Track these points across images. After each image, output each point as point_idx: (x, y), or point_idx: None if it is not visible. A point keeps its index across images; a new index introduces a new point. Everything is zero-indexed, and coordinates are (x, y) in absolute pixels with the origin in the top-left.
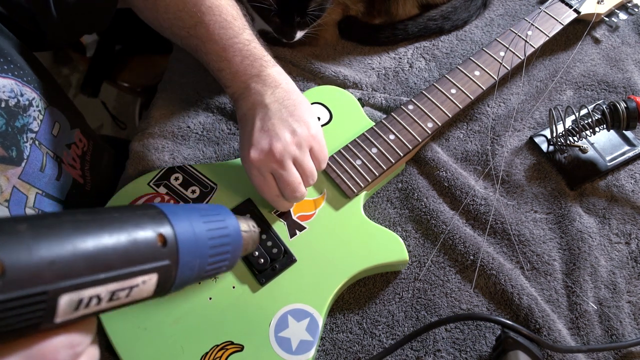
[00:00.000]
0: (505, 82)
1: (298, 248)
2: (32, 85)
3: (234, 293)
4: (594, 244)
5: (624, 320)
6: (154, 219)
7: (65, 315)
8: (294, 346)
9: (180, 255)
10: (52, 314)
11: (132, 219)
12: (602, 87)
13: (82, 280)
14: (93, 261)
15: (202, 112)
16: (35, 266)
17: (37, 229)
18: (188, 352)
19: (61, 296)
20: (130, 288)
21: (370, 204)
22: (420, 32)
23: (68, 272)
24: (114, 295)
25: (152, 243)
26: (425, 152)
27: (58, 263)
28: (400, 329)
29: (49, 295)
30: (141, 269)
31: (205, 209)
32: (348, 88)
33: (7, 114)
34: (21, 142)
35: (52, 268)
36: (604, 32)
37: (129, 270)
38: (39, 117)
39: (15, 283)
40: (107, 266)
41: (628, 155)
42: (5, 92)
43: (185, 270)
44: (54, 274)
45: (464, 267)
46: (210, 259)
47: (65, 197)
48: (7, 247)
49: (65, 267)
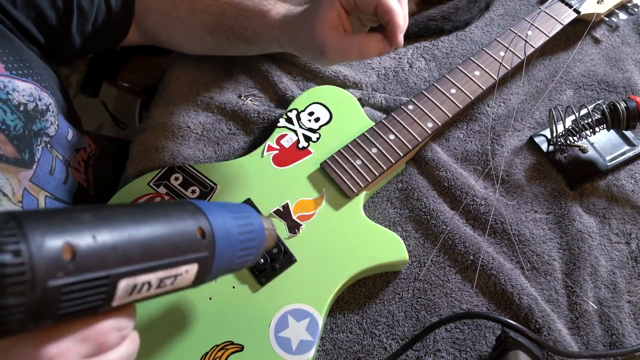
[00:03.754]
0: (505, 82)
1: (298, 248)
2: (50, 91)
3: (234, 293)
4: (594, 244)
5: (624, 320)
6: (194, 213)
7: (121, 300)
8: (294, 346)
9: (217, 247)
10: (111, 298)
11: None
12: (602, 87)
13: (138, 266)
14: (147, 249)
15: (202, 112)
16: (100, 252)
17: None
18: (188, 352)
19: (120, 281)
20: (175, 276)
21: (370, 204)
22: (420, 32)
23: (127, 258)
24: (161, 283)
25: (194, 235)
26: (425, 152)
27: (119, 250)
28: (400, 329)
29: (111, 279)
30: (185, 259)
31: (234, 206)
32: (348, 88)
33: (26, 117)
34: (34, 146)
35: (114, 254)
36: (604, 32)
37: (176, 260)
38: (55, 122)
39: (85, 267)
40: (158, 254)
41: (628, 155)
42: (25, 95)
43: (220, 262)
44: (116, 260)
45: (464, 267)
46: (240, 252)
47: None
48: (77, 234)
49: (125, 254)
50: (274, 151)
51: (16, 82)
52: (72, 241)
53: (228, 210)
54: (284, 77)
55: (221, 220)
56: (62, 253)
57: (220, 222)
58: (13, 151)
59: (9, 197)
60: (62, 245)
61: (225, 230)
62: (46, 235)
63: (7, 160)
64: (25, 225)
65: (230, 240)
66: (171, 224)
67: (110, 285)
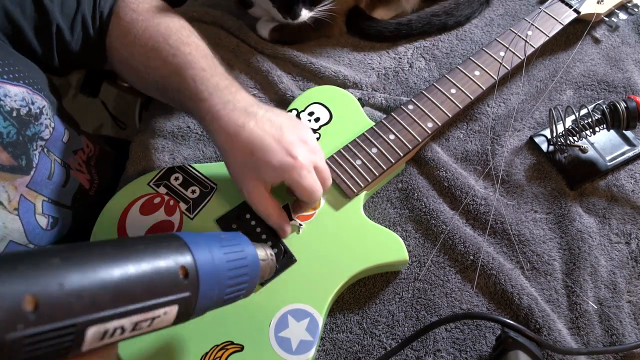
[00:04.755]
0: (505, 82)
1: (298, 248)
2: (43, 94)
3: None
4: (594, 244)
5: (624, 320)
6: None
7: (91, 345)
8: (294, 346)
9: (201, 286)
10: (80, 344)
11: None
12: (602, 87)
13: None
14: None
15: None
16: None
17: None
18: (188, 352)
19: (89, 328)
20: (152, 319)
21: (370, 204)
22: (424, 28)
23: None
24: (137, 326)
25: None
26: (425, 152)
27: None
28: (400, 329)
29: (78, 327)
30: (163, 301)
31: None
32: (348, 88)
33: (19, 123)
34: (31, 151)
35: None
36: (604, 32)
37: (152, 303)
38: (50, 124)
39: (48, 316)
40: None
41: (628, 155)
42: (17, 100)
43: (204, 300)
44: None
45: (464, 267)
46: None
47: (71, 203)
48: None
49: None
50: None
51: (7, 87)
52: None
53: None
54: (284, 77)
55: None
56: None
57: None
58: (8, 158)
59: (4, 205)
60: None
61: (212, 266)
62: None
63: (3, 168)
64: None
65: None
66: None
67: (77, 334)
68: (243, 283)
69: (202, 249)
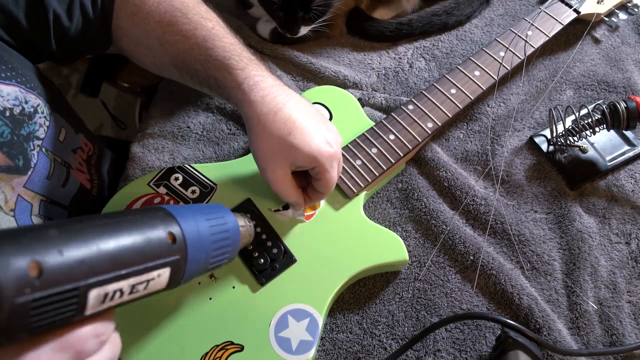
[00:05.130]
0: (505, 82)
1: (298, 248)
2: (36, 92)
3: (234, 293)
4: (594, 244)
5: (624, 320)
6: (164, 220)
7: (94, 308)
8: (294, 346)
9: (189, 250)
10: (83, 308)
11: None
12: (602, 87)
13: (107, 276)
14: (115, 259)
15: (202, 112)
16: (67, 266)
17: (65, 234)
18: (188, 352)
19: (90, 291)
20: (147, 281)
21: (370, 204)
22: (425, 28)
23: (95, 269)
24: (134, 288)
25: (164, 241)
26: (425, 152)
27: (86, 262)
28: (400, 329)
29: (80, 290)
30: (156, 264)
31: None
32: (348, 88)
33: (12, 122)
34: (28, 150)
35: (81, 267)
36: (604, 32)
37: (146, 266)
38: (45, 123)
39: (52, 281)
40: (127, 263)
41: (628, 155)
42: (9, 100)
43: (193, 264)
44: (84, 272)
45: (464, 267)
46: (214, 252)
47: (70, 203)
48: (42, 251)
49: (92, 266)
50: None
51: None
52: (38, 258)
53: (200, 212)
54: (284, 77)
55: (193, 223)
56: (28, 270)
57: (191, 226)
58: (3, 158)
59: (0, 206)
60: (28, 263)
61: (197, 233)
62: (12, 254)
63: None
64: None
65: (203, 241)
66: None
67: (80, 297)
68: (226, 247)
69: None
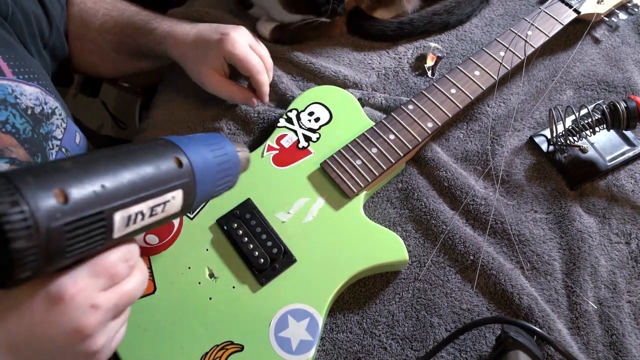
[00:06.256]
0: (505, 82)
1: (298, 248)
2: (54, 95)
3: (234, 293)
4: (594, 244)
5: (624, 320)
6: (166, 146)
7: (121, 231)
8: (294, 346)
9: (196, 173)
10: (111, 230)
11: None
12: (602, 87)
13: (127, 199)
14: (132, 183)
15: (202, 112)
16: (90, 191)
17: (80, 165)
18: (188, 352)
19: (115, 214)
20: (164, 203)
21: (370, 204)
22: (426, 27)
23: (116, 194)
24: (153, 211)
25: (171, 165)
26: (425, 152)
27: (106, 187)
28: (400, 329)
29: (106, 213)
30: (168, 187)
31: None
32: (348, 88)
33: (33, 120)
34: (47, 149)
35: (103, 192)
36: (604, 32)
37: (160, 189)
38: (62, 125)
39: (79, 206)
40: (144, 186)
41: (628, 155)
42: (31, 99)
43: (202, 186)
44: (106, 197)
45: (464, 267)
46: (218, 175)
47: None
48: (64, 180)
49: (113, 190)
50: (274, 151)
51: (23, 87)
52: (61, 186)
53: (202, 141)
54: (284, 77)
55: (196, 150)
56: (55, 198)
57: (195, 152)
58: (25, 154)
59: None
60: (54, 191)
61: (201, 157)
62: (37, 184)
63: (20, 164)
64: (16, 179)
65: (208, 165)
66: (148, 158)
67: (107, 219)
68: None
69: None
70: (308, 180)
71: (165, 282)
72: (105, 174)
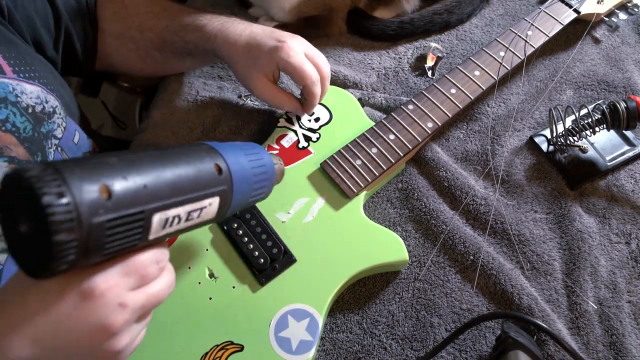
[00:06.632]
0: (505, 82)
1: (298, 248)
2: (55, 94)
3: (234, 293)
4: (594, 244)
5: (624, 320)
6: (209, 152)
7: (157, 233)
8: (294, 346)
9: (234, 181)
10: (148, 231)
11: (193, 154)
12: (602, 87)
13: (167, 201)
14: (172, 186)
15: (202, 111)
16: (132, 190)
17: (125, 162)
18: (188, 352)
19: (154, 215)
20: (200, 209)
21: (370, 204)
22: (427, 26)
23: (157, 195)
24: (189, 215)
25: (212, 172)
26: (425, 152)
27: (148, 187)
28: (400, 329)
29: (146, 214)
30: (206, 193)
31: (244, 145)
32: (348, 88)
33: (34, 119)
34: (46, 148)
35: (145, 192)
36: (604, 32)
37: (199, 194)
38: (62, 124)
39: (121, 204)
40: (183, 190)
41: (628, 155)
42: (32, 98)
43: (238, 195)
44: (147, 196)
45: (464, 267)
46: (255, 185)
47: None
48: (109, 175)
49: (154, 191)
50: (274, 151)
51: (24, 85)
52: (106, 182)
53: (240, 149)
54: (284, 77)
55: (235, 158)
56: (99, 193)
57: (234, 160)
58: (24, 153)
59: None
60: (99, 186)
61: (239, 166)
62: (83, 178)
63: (19, 163)
64: (63, 171)
65: (245, 175)
66: (190, 163)
67: (145, 220)
68: (264, 181)
69: (229, 152)
70: (308, 180)
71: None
72: (148, 175)
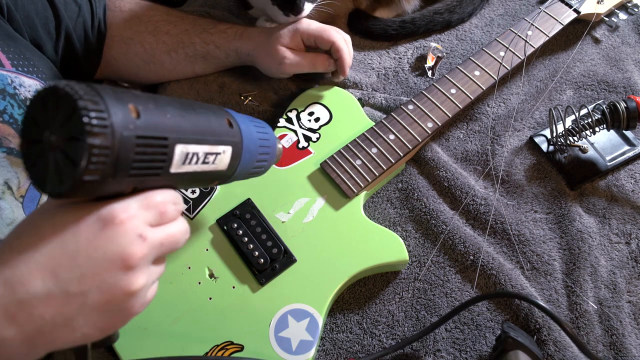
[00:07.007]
0: (505, 82)
1: (298, 248)
2: None
3: (234, 293)
4: (594, 244)
5: (624, 320)
6: (223, 110)
7: (177, 167)
8: (294, 346)
9: (243, 138)
10: (170, 162)
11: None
12: (602, 87)
13: (189, 136)
14: (194, 124)
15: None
16: (158, 116)
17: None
18: (188, 352)
19: (177, 145)
20: (216, 154)
21: (370, 204)
22: (428, 26)
23: (179, 126)
24: (206, 158)
25: (224, 123)
26: (425, 152)
27: (173, 118)
28: (400, 329)
29: (169, 141)
30: (221, 139)
31: (253, 118)
32: (348, 88)
33: None
34: None
35: (170, 120)
36: (603, 32)
37: (215, 139)
38: None
39: (148, 125)
40: (202, 131)
41: (628, 155)
42: (30, 91)
43: (246, 154)
44: (171, 125)
45: (464, 267)
46: (260, 150)
47: None
48: (137, 100)
49: (177, 122)
50: None
51: (22, 78)
52: (135, 104)
53: (248, 118)
54: None
55: (244, 123)
56: (130, 111)
57: (243, 123)
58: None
59: (12, 190)
60: (129, 105)
61: (248, 130)
62: (116, 97)
63: (18, 154)
64: (97, 87)
65: (252, 138)
66: (207, 111)
67: (169, 147)
68: (267, 154)
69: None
70: (308, 180)
71: (165, 282)
72: (171, 109)
